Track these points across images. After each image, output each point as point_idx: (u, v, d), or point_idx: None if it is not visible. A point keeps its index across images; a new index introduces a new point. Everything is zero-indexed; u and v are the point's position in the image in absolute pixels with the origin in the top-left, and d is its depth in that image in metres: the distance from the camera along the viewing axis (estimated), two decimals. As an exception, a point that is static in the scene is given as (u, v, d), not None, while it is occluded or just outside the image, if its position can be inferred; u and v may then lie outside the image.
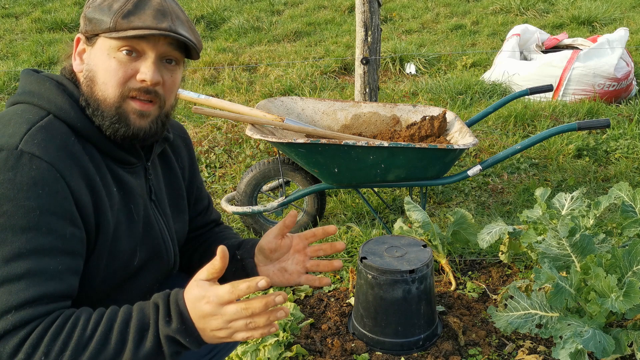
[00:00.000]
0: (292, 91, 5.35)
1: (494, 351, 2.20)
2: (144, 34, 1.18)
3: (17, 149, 1.10)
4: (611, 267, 1.99)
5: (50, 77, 1.25)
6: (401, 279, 2.11)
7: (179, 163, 1.52)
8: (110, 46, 1.20)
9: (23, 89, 1.25)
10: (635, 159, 4.00)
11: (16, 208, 1.07)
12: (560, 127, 2.74)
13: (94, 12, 1.21)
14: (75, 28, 7.72)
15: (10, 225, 1.07)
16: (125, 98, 1.22)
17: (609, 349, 1.80)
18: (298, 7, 8.71)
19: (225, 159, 4.11)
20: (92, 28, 1.21)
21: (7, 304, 1.05)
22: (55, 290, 1.10)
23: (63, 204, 1.12)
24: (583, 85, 5.02)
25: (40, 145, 1.12)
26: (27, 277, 1.07)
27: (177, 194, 1.50)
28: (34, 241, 1.08)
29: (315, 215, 3.16)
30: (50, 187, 1.11)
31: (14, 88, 5.57)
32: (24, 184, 1.08)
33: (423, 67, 6.04)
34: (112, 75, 1.20)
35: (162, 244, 1.39)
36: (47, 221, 1.10)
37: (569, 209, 2.48)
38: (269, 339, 2.14)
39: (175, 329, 1.07)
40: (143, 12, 1.19)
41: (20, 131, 1.13)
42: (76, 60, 1.26)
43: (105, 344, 1.06)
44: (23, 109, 1.20)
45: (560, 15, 7.78)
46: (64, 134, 1.18)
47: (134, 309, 1.11)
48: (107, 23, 1.18)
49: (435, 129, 3.07)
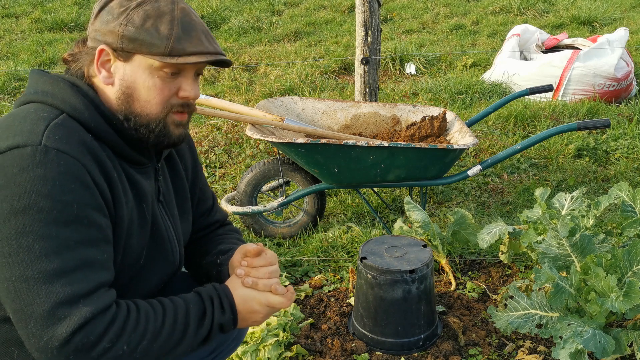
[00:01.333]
0: (292, 91, 5.35)
1: (494, 351, 2.20)
2: (204, 60, 1.23)
3: (41, 144, 1.11)
4: (611, 267, 1.99)
5: (63, 78, 1.26)
6: (401, 279, 2.11)
7: (183, 164, 1.53)
8: (154, 65, 1.22)
9: (35, 89, 1.25)
10: (635, 159, 4.00)
11: (54, 203, 1.09)
12: (560, 127, 2.74)
13: (138, 33, 1.20)
14: (75, 28, 7.72)
15: (53, 220, 1.09)
16: (168, 113, 1.27)
17: (609, 349, 1.80)
18: (298, 7, 8.71)
19: (225, 159, 4.11)
20: (136, 48, 1.21)
21: (72, 293, 1.09)
22: (108, 278, 1.17)
23: (94, 196, 1.15)
24: (583, 85, 5.02)
25: (62, 141, 1.14)
26: (81, 268, 1.12)
27: (182, 195, 1.51)
28: (78, 233, 1.12)
29: (316, 215, 3.16)
30: (80, 180, 1.13)
31: (14, 88, 5.57)
32: (55, 180, 1.10)
33: (423, 67, 6.04)
34: (157, 94, 1.25)
35: (169, 245, 1.41)
36: (86, 213, 1.13)
37: (569, 209, 2.48)
38: (269, 339, 2.14)
39: (227, 318, 1.30)
40: (191, 36, 1.23)
41: (39, 128, 1.14)
42: (102, 73, 1.25)
43: (173, 332, 1.22)
44: (36, 108, 1.21)
45: (560, 15, 7.78)
46: (80, 131, 1.19)
47: (189, 301, 1.27)
48: (160, 48, 1.20)
49: (435, 129, 3.07)
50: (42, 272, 1.08)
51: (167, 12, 1.21)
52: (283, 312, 2.31)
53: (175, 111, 1.28)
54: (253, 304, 1.33)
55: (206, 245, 1.60)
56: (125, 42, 1.21)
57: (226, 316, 1.30)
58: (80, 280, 1.10)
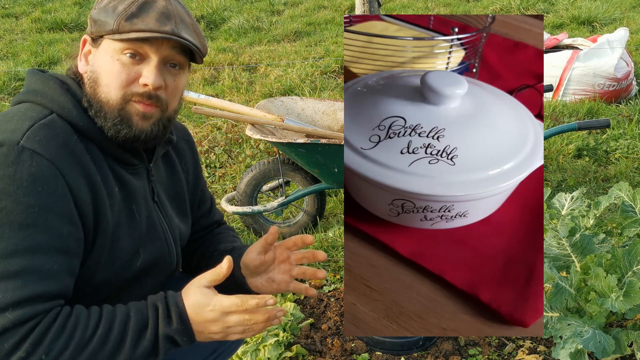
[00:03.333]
0: (292, 91, 5.35)
1: (494, 351, 2.20)
2: (145, 36, 1.17)
3: (18, 144, 1.10)
4: (611, 267, 1.99)
5: (54, 77, 1.25)
6: (401, 279, 2.11)
7: (183, 166, 1.52)
8: (114, 49, 1.20)
9: (27, 88, 1.25)
10: (635, 159, 4.00)
11: (15, 204, 1.07)
12: (560, 127, 2.74)
13: (99, 13, 1.21)
14: (75, 28, 7.73)
15: (9, 222, 1.06)
16: (128, 101, 1.21)
17: (609, 349, 1.80)
18: (298, 7, 8.71)
19: (225, 159, 4.12)
20: (97, 29, 1.21)
21: (3, 301, 1.05)
22: (51, 290, 1.10)
23: (61, 202, 1.12)
24: (583, 85, 5.02)
25: (41, 142, 1.12)
26: (23, 275, 1.06)
27: (179, 197, 1.49)
28: (31, 239, 1.08)
29: (315, 215, 3.16)
30: (50, 184, 1.10)
31: (14, 88, 5.57)
32: (23, 180, 1.08)
33: (423, 67, 6.04)
34: (115, 77, 1.20)
35: (166, 246, 1.39)
36: (45, 219, 1.09)
37: (569, 209, 2.48)
38: (269, 339, 2.15)
39: (175, 330, 1.15)
40: (147, 15, 1.18)
41: (22, 127, 1.13)
42: (82, 61, 1.26)
43: (105, 343, 1.10)
44: (27, 108, 1.21)
45: (560, 15, 7.78)
46: (66, 132, 1.18)
47: (132, 309, 1.15)
48: (111, 25, 1.18)
49: (435, 129, 3.07)
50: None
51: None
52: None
53: (137, 100, 1.21)
54: (205, 312, 1.15)
55: (206, 245, 1.59)
56: (92, 25, 1.22)
57: (174, 327, 1.14)
58: (17, 287, 1.05)
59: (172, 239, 1.42)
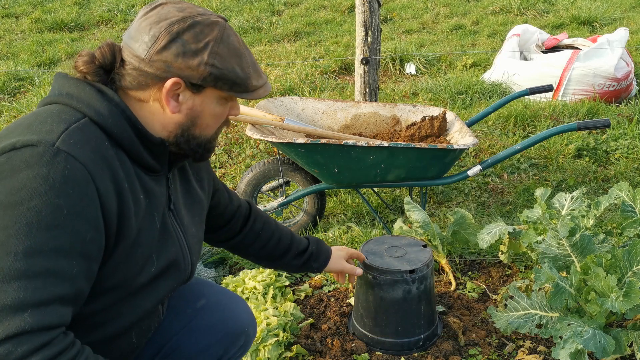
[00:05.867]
0: (292, 91, 5.35)
1: (494, 351, 2.20)
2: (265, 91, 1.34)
3: (54, 146, 1.11)
4: (611, 267, 1.99)
5: (89, 83, 1.25)
6: (401, 279, 2.11)
7: (196, 175, 1.55)
8: (222, 96, 1.31)
9: (60, 91, 1.25)
10: (635, 159, 4.00)
11: (45, 204, 1.08)
12: (560, 127, 2.74)
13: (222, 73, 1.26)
14: (75, 28, 7.72)
15: (37, 221, 1.07)
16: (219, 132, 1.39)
17: (609, 349, 1.80)
18: (298, 7, 8.71)
19: (225, 159, 4.12)
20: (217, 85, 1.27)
21: (23, 299, 1.05)
22: (68, 293, 1.11)
23: (90, 208, 1.13)
24: (583, 85, 5.02)
25: (76, 146, 1.14)
26: (44, 276, 1.07)
27: (192, 206, 1.52)
28: (56, 240, 1.09)
29: (315, 215, 3.16)
30: (81, 188, 1.12)
31: (14, 88, 5.57)
32: (56, 181, 1.09)
33: (423, 67, 6.04)
34: (219, 119, 1.36)
35: (180, 253, 1.41)
36: (72, 222, 1.10)
37: (569, 209, 2.48)
38: (269, 339, 2.14)
39: None
40: (259, 72, 1.33)
41: (58, 129, 1.15)
42: (171, 104, 1.27)
43: None
44: (60, 109, 1.21)
45: (560, 15, 7.78)
46: (98, 137, 1.19)
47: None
48: (242, 87, 1.29)
49: (435, 129, 3.07)
50: (4, 269, 1.05)
51: (239, 50, 1.29)
52: (283, 313, 2.31)
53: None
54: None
55: (264, 237, 1.81)
56: (208, 79, 1.26)
57: None
58: (38, 287, 1.06)
59: (187, 246, 1.44)
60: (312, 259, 1.89)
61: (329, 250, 1.96)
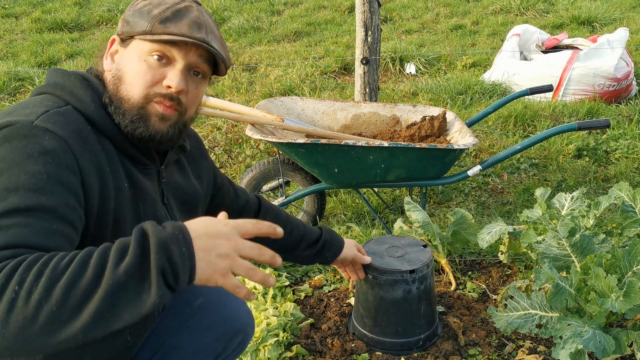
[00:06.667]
0: (292, 91, 5.35)
1: (494, 351, 2.20)
2: (177, 39, 1.22)
3: (32, 123, 1.11)
4: (611, 267, 1.99)
5: (76, 73, 1.28)
6: (401, 279, 2.11)
7: (195, 173, 1.55)
8: (143, 49, 1.24)
9: (48, 82, 1.27)
10: (635, 159, 4.00)
11: (23, 172, 1.05)
12: (560, 127, 2.74)
13: (133, 15, 1.25)
14: (75, 28, 7.72)
15: (15, 187, 1.03)
16: (150, 101, 1.25)
17: (609, 349, 1.80)
18: (298, 7, 8.71)
19: (225, 159, 4.11)
20: (129, 30, 1.25)
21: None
22: (42, 245, 1.01)
23: (70, 177, 1.11)
24: (583, 85, 5.02)
25: (55, 124, 1.14)
26: (17, 227, 1.00)
27: (191, 204, 1.52)
28: (34, 199, 1.04)
29: (315, 215, 3.16)
30: (60, 158, 1.10)
31: (14, 88, 5.57)
32: (34, 152, 1.08)
33: (423, 67, 6.04)
34: (141, 77, 1.24)
35: None
36: (52, 187, 1.07)
37: (569, 209, 2.48)
38: (269, 339, 2.15)
39: (171, 234, 0.95)
40: (180, 21, 1.23)
41: (37, 112, 1.15)
42: (107, 60, 1.30)
43: (84, 268, 0.93)
44: (44, 98, 1.23)
45: (560, 15, 7.78)
46: (80, 122, 1.20)
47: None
48: (144, 26, 1.23)
49: (435, 129, 3.07)
50: None
51: (170, 3, 1.25)
52: (283, 313, 2.31)
53: (159, 101, 1.25)
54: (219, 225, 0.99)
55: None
56: (124, 25, 1.26)
57: (168, 231, 0.96)
58: (5, 235, 0.98)
59: None
60: (325, 247, 1.90)
61: (342, 239, 1.98)
